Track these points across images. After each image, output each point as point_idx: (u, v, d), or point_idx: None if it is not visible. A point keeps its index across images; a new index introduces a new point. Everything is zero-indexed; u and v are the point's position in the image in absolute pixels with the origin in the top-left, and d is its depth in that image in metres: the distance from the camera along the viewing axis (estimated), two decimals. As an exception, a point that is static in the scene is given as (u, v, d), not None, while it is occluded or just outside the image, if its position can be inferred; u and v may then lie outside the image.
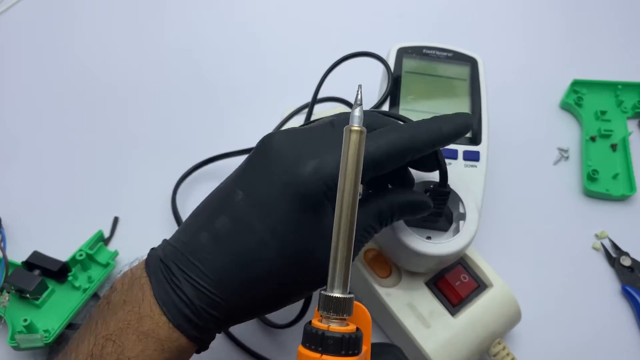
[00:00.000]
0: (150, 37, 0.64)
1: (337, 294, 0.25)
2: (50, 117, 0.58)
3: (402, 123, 0.35)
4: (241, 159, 0.54)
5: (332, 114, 0.50)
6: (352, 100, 0.55)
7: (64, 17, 0.66)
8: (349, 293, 0.25)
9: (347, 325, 0.25)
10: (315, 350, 0.24)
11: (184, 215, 0.51)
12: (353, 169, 0.25)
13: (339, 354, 0.24)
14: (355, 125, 0.25)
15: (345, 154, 0.25)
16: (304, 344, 0.25)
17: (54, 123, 0.58)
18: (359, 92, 0.27)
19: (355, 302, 0.27)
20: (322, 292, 0.25)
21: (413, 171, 0.39)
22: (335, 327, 0.24)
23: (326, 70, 0.50)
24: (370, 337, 0.27)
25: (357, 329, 0.25)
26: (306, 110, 0.55)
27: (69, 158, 0.55)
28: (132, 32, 0.65)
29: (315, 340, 0.24)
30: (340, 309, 0.25)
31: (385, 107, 0.47)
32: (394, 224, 0.39)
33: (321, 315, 0.25)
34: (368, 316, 0.27)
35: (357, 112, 0.26)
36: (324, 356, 0.24)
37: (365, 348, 0.27)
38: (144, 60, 0.62)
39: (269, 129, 0.55)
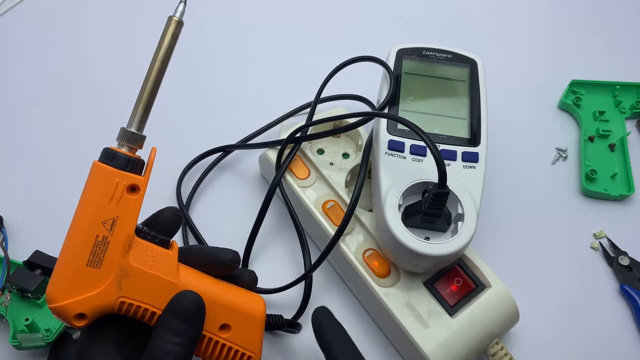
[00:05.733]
0: (152, 36, 0.64)
1: (132, 130, 0.32)
2: (51, 116, 0.58)
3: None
4: (244, 152, 0.55)
5: (334, 114, 0.51)
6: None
7: (66, 16, 0.67)
8: (143, 133, 0.32)
9: (136, 155, 0.32)
10: (107, 164, 0.31)
11: (189, 207, 0.52)
12: (167, 44, 0.33)
13: (125, 169, 0.31)
14: (176, 16, 0.33)
15: (164, 33, 0.33)
16: (100, 160, 0.32)
17: (55, 122, 0.58)
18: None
19: (256, 294, 0.38)
20: (122, 127, 0.32)
21: (407, 168, 0.39)
22: (125, 151, 0.32)
23: (328, 75, 0.50)
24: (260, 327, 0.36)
25: (143, 162, 0.33)
26: (307, 109, 0.56)
27: (71, 157, 0.55)
28: (134, 31, 0.65)
29: (109, 157, 0.31)
30: (132, 140, 0.32)
31: (385, 109, 0.47)
32: (391, 224, 0.40)
33: (118, 144, 0.32)
34: (261, 308, 0.37)
35: (181, 6, 0.33)
36: (111, 168, 0.31)
37: (172, 252, 0.34)
38: (145, 59, 0.62)
39: (271, 127, 0.56)
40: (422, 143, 0.43)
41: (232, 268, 0.36)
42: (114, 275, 0.31)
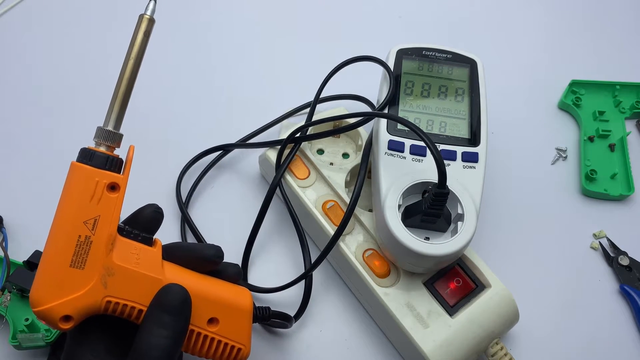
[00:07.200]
0: (153, 35, 0.64)
1: (109, 128, 0.32)
2: (51, 116, 0.58)
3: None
4: (243, 151, 0.55)
5: (334, 114, 0.51)
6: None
7: (65, 15, 0.67)
8: (120, 132, 0.33)
9: (115, 154, 0.32)
10: (86, 164, 0.31)
11: (188, 205, 0.52)
12: (140, 42, 0.33)
13: (103, 168, 0.31)
14: (147, 14, 0.33)
15: (136, 31, 0.33)
16: (78, 160, 0.32)
17: (55, 121, 0.58)
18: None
19: (242, 287, 0.37)
20: (99, 126, 0.32)
21: (407, 168, 0.39)
22: (103, 150, 0.32)
23: (327, 75, 0.50)
24: (248, 322, 0.36)
25: (121, 160, 0.33)
26: (307, 109, 0.56)
27: (71, 157, 0.55)
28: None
29: (87, 156, 0.31)
30: (110, 139, 0.32)
31: (385, 109, 0.47)
32: (391, 224, 0.40)
33: (95, 143, 0.32)
34: (247, 300, 0.36)
35: (151, 4, 0.33)
36: (90, 167, 0.31)
37: (156, 249, 0.34)
38: (145, 58, 0.62)
39: (270, 127, 0.56)
40: (422, 143, 0.43)
41: (215, 263, 0.36)
42: (98, 275, 0.31)
